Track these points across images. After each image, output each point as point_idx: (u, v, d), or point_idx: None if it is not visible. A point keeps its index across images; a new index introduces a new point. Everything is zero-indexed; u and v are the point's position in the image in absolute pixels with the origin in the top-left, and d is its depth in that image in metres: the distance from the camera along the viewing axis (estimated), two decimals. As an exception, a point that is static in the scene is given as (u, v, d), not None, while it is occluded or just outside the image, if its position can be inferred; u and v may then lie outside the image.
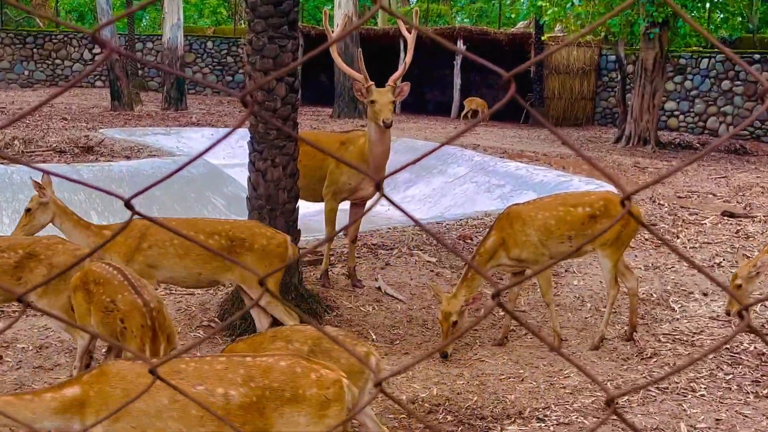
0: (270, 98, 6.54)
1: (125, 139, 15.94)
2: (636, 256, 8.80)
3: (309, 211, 9.06)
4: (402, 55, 27.35)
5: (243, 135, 10.43)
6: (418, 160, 1.32)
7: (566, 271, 8.19)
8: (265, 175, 6.60)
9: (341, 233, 8.56)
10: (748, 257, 6.20)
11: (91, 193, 10.67)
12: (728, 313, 6.06)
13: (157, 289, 5.83)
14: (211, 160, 15.65)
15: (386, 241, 9.23)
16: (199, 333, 6.65)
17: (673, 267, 8.42)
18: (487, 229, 6.53)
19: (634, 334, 6.61)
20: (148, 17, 44.96)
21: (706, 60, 23.02)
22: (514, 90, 1.10)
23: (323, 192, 7.60)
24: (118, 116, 21.25)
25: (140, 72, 32.05)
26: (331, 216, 7.59)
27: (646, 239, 9.43)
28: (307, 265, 8.13)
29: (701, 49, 23.08)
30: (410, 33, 7.45)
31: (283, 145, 6.59)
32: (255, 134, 6.65)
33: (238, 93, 1.16)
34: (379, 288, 7.66)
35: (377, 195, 1.26)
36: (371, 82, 6.96)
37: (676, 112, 23.80)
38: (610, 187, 12.66)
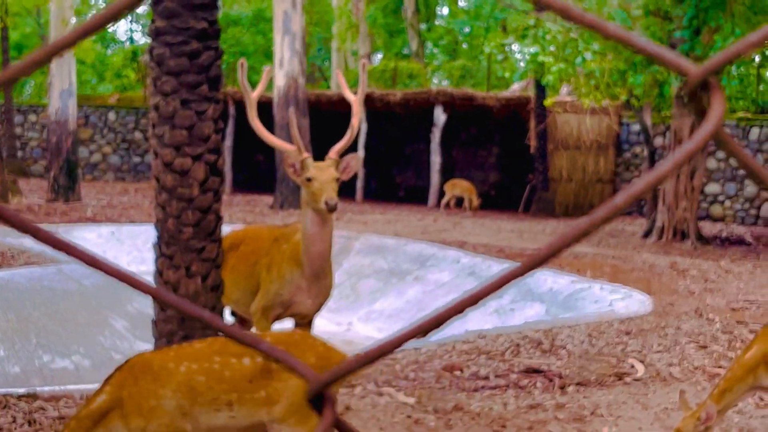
0: (184, 183, 6.25)
1: (-5, 242, 15.60)
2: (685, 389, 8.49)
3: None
4: (365, 126, 27.43)
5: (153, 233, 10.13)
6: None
7: (592, 414, 7.85)
8: (177, 289, 6.28)
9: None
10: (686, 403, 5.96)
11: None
12: None
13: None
14: (110, 267, 15.29)
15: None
16: None
17: (738, 408, 8.09)
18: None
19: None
20: (33, 82, 45.07)
21: (756, 129, 23.26)
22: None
23: (251, 309, 7.28)
24: (-13, 211, 20.88)
25: (20, 153, 31.82)
26: (263, 340, 7.25)
27: (696, 367, 9.14)
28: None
29: (750, 115, 23.34)
30: (355, 95, 7.25)
31: (202, 247, 6.28)
32: (163, 232, 6.33)
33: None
34: (336, 442, 7.28)
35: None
36: (307, 154, 6.73)
37: (721, 197, 23.93)
38: (642, 300, 12.47)
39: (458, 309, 0.92)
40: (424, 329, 0.94)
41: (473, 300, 0.94)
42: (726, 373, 6.02)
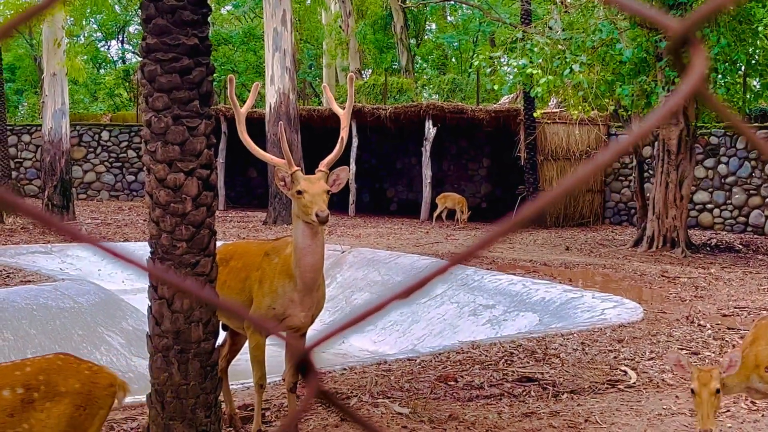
0: (177, 198, 6.22)
1: (-9, 261, 15.61)
2: (678, 396, 8.49)
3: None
4: (355, 141, 27.44)
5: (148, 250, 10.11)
6: (385, 305, 1.07)
7: (586, 421, 7.84)
8: (171, 303, 6.24)
9: (280, 379, 8.17)
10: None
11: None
12: None
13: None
14: (106, 284, 15.29)
15: (341, 386, 8.86)
16: None
17: (731, 413, 8.08)
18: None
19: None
20: (26, 104, 45.03)
21: (743, 138, 23.29)
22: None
23: (245, 323, 7.23)
24: (-18, 231, 20.89)
25: (14, 173, 31.77)
26: (257, 355, 7.19)
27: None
28: (232, 426, 7.71)
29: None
30: (343, 109, 7.23)
31: (196, 262, 6.25)
32: (157, 247, 6.31)
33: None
34: (332, 453, 7.27)
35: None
36: (296, 168, 6.71)
37: (710, 205, 23.96)
38: (633, 308, 12.47)
39: (398, 297, 0.95)
40: (360, 319, 0.97)
41: (406, 293, 1.01)
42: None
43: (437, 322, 14.21)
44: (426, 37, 50.01)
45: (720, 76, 18.23)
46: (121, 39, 54.64)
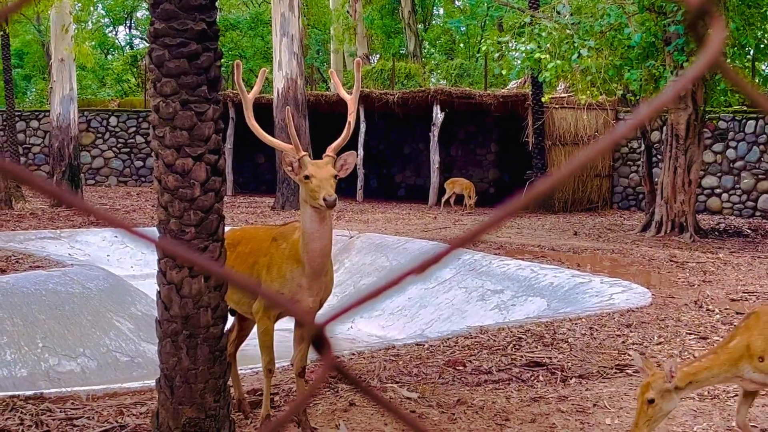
0: (185, 184, 6.22)
1: (0, 247, 15.61)
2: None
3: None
4: (363, 126, 27.41)
5: (156, 236, 10.12)
6: (390, 286, 1.09)
7: (594, 405, 7.84)
8: (180, 288, 6.23)
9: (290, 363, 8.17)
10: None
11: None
12: None
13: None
14: (115, 270, 15.32)
15: (350, 371, 8.85)
16: None
17: (737, 394, 8.08)
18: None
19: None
20: (34, 89, 45.05)
21: (752, 122, 23.21)
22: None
23: (253, 308, 7.23)
24: (-9, 217, 20.91)
25: (23, 159, 31.81)
26: (266, 340, 7.18)
27: (696, 358, 9.12)
28: (241, 411, 7.71)
29: (746, 108, 23.28)
30: (350, 94, 7.21)
31: (205, 247, 6.25)
32: (166, 232, 6.31)
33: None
34: (341, 438, 7.27)
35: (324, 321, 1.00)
36: (304, 153, 6.68)
37: (718, 190, 23.89)
38: (642, 293, 12.45)
39: (413, 272, 0.95)
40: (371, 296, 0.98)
41: (421, 268, 0.99)
42: (708, 354, 6.01)
43: (445, 308, 14.21)
44: (434, 21, 49.94)
45: (728, 60, 18.14)
46: (128, 24, 54.68)
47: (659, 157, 20.62)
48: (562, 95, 25.59)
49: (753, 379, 5.87)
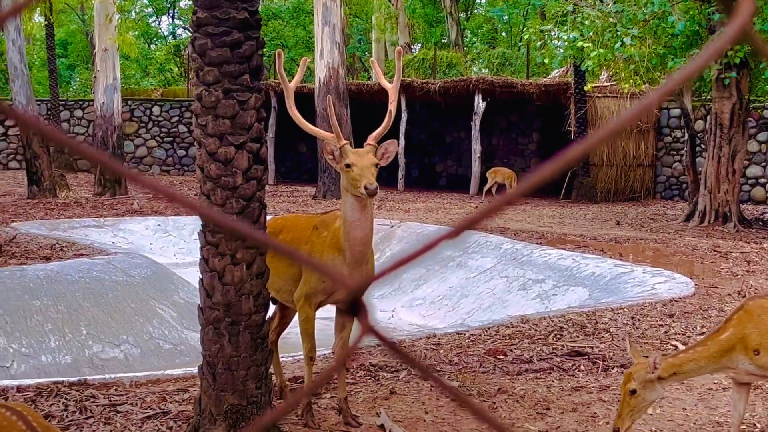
0: (227, 172, 6.25)
1: (45, 235, 15.72)
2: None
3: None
4: (405, 115, 27.39)
5: (199, 225, 10.18)
6: (420, 252, 1.13)
7: (636, 395, 7.81)
8: (222, 276, 6.28)
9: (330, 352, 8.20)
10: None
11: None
12: None
13: None
14: (158, 258, 15.42)
15: (390, 360, 8.87)
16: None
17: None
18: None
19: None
20: (78, 79, 45.39)
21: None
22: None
23: (294, 296, 7.25)
24: (36, 205, 21.08)
25: (67, 149, 32.08)
26: (307, 327, 7.21)
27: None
28: (282, 398, 7.75)
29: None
30: (391, 83, 7.19)
31: (247, 235, 6.29)
32: (208, 221, 6.35)
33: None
34: (382, 426, 7.28)
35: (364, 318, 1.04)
36: (345, 141, 6.68)
37: (762, 180, 23.69)
38: (684, 283, 12.37)
39: (448, 236, 1.04)
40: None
41: (455, 233, 1.07)
42: (696, 346, 5.96)
43: (486, 297, 14.19)
44: (476, 10, 49.77)
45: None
46: (171, 14, 54.93)
47: (703, 146, 20.46)
48: (605, 84, 25.46)
49: (748, 371, 5.82)
